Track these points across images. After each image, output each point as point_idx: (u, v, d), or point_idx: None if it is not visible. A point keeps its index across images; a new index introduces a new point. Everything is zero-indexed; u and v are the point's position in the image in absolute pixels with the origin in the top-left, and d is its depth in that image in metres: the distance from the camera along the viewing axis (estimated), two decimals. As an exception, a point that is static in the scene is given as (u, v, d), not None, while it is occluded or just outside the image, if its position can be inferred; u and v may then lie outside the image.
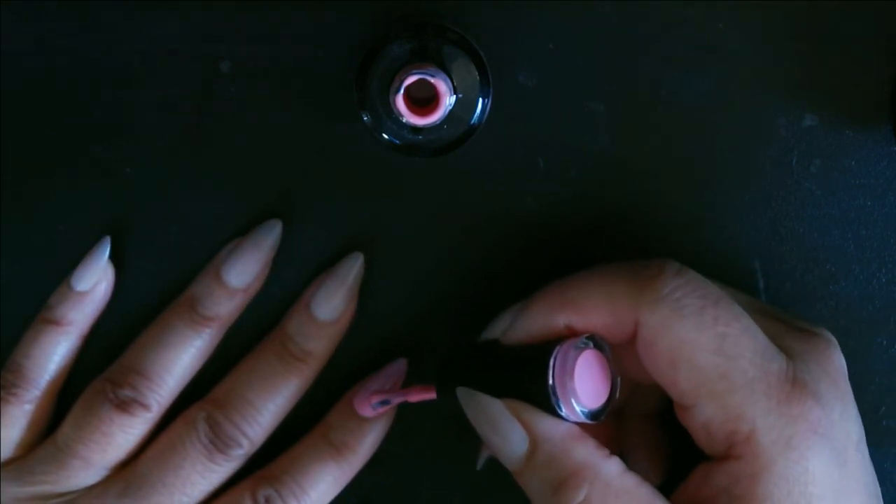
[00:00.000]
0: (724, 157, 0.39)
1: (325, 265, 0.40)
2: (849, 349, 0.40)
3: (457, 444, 0.41)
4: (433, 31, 0.36)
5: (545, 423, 0.33)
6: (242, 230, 0.40)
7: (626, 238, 0.40)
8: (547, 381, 0.33)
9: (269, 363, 0.39)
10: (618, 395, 0.34)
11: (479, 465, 0.39)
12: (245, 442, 0.39)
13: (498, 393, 0.34)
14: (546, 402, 0.33)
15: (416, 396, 0.37)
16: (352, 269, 0.40)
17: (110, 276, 0.40)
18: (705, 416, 0.32)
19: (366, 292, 0.40)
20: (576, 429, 0.33)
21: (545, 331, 0.34)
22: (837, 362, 0.34)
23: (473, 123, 0.37)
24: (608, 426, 0.37)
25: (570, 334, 0.34)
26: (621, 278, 0.34)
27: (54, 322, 0.39)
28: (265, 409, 0.39)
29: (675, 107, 0.39)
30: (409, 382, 0.40)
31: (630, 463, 0.38)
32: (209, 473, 0.38)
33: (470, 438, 0.41)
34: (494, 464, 0.40)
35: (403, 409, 0.40)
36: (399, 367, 0.40)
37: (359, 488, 0.40)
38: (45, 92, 0.39)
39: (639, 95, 0.39)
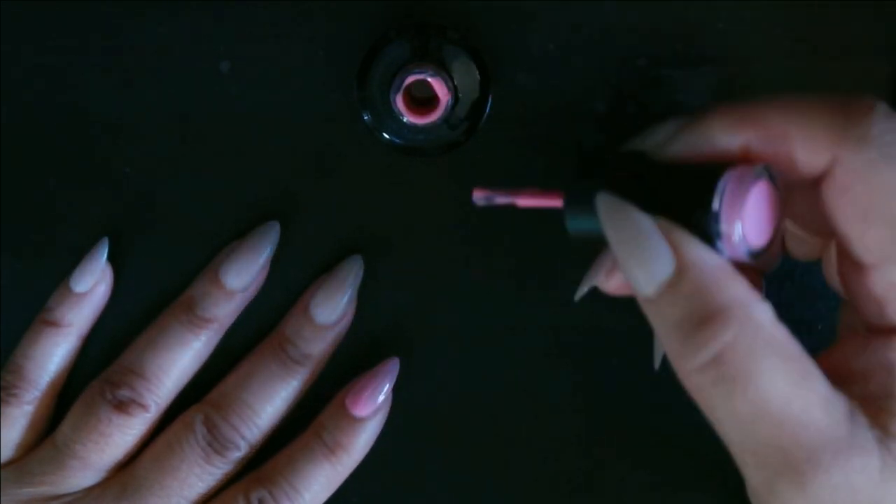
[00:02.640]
0: (724, 157, 0.39)
1: (325, 265, 0.40)
2: (849, 349, 0.40)
3: (459, 444, 0.41)
4: (433, 30, 0.37)
5: (699, 250, 0.28)
6: (242, 231, 0.40)
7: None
8: (712, 204, 0.28)
9: (268, 366, 0.39)
10: (779, 239, 0.30)
11: (579, 296, 0.35)
12: (242, 444, 0.38)
13: (645, 210, 0.29)
14: (703, 229, 0.28)
15: (530, 200, 0.33)
16: (351, 271, 0.39)
17: (109, 277, 0.40)
18: (888, 281, 0.29)
19: (363, 293, 0.40)
20: (728, 263, 0.29)
21: (716, 149, 0.30)
22: None
23: (473, 123, 0.37)
24: None
25: (743, 160, 0.30)
26: (824, 106, 0.29)
27: (54, 323, 0.39)
28: (263, 412, 0.39)
29: (675, 107, 0.39)
30: (401, 381, 0.40)
31: None
32: (206, 476, 0.38)
33: (472, 436, 0.41)
34: (492, 465, 0.40)
35: (402, 409, 0.40)
36: (391, 365, 0.40)
37: (360, 488, 0.40)
38: (44, 91, 0.39)
39: (639, 95, 0.39)
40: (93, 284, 0.39)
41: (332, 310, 0.39)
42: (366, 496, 0.41)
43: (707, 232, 0.29)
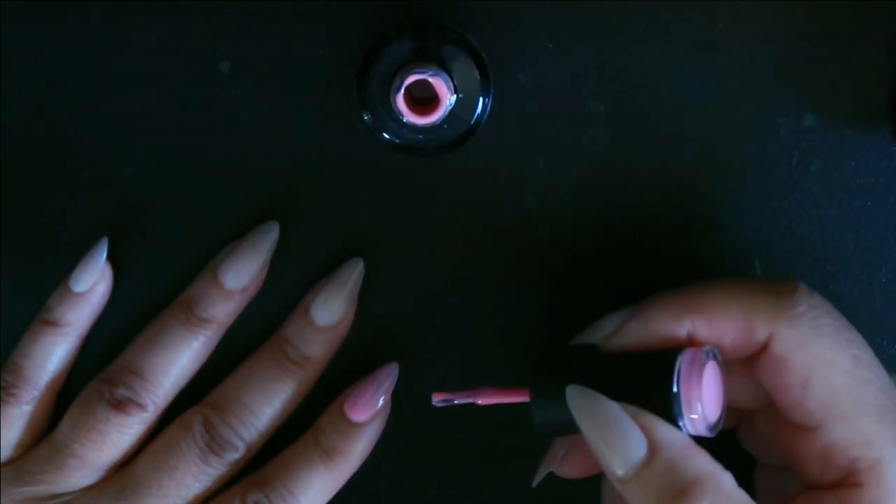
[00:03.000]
0: (724, 157, 0.39)
1: (324, 265, 0.40)
2: (849, 349, 0.40)
3: (459, 443, 0.41)
4: (433, 30, 0.37)
5: (666, 430, 0.32)
6: (242, 231, 0.40)
7: (625, 238, 0.40)
8: (671, 387, 0.32)
9: (267, 367, 0.39)
10: (726, 411, 0.33)
11: (536, 482, 0.38)
12: (241, 446, 0.38)
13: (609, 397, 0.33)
14: (666, 410, 0.32)
15: (492, 398, 0.36)
16: (352, 274, 0.39)
17: (108, 277, 0.40)
18: (830, 440, 0.32)
19: (364, 293, 0.40)
20: (690, 439, 0.32)
21: (662, 337, 0.33)
22: None
23: (474, 123, 0.37)
24: None
25: (689, 344, 0.33)
26: (755, 290, 0.33)
27: (53, 323, 0.39)
28: (262, 414, 0.39)
29: (675, 107, 0.39)
30: (400, 386, 0.40)
31: None
32: (204, 477, 0.38)
33: (471, 442, 0.41)
34: (494, 467, 0.40)
35: (401, 413, 0.40)
36: (390, 370, 0.40)
37: (360, 489, 0.40)
38: (44, 91, 0.39)
39: (639, 95, 0.39)
40: (92, 284, 0.39)
41: (332, 312, 0.39)
42: (365, 500, 0.40)
43: (668, 412, 0.32)
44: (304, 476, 0.38)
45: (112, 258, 0.40)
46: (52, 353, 0.39)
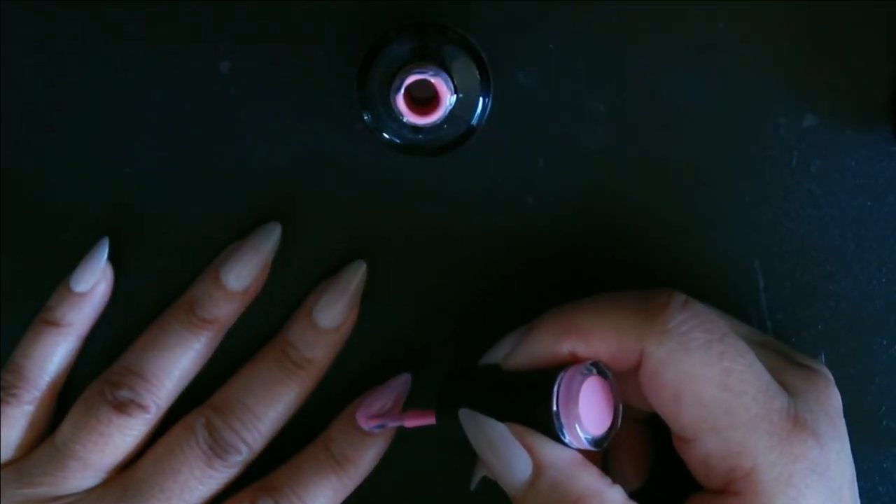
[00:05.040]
0: (724, 157, 0.39)
1: (326, 266, 0.40)
2: (849, 349, 0.40)
3: (457, 443, 0.41)
4: (433, 30, 0.37)
5: (550, 449, 0.33)
6: (242, 231, 0.40)
7: (625, 238, 0.40)
8: (551, 406, 0.32)
9: (270, 370, 0.39)
10: (620, 422, 0.34)
11: (473, 485, 0.39)
12: (244, 448, 0.38)
13: (500, 418, 0.34)
14: (550, 428, 0.33)
15: (412, 421, 0.37)
16: (354, 276, 0.39)
17: (109, 277, 0.40)
18: (706, 451, 0.33)
19: (364, 294, 0.40)
20: (579, 455, 0.33)
21: (548, 357, 0.34)
22: (835, 401, 0.35)
23: (474, 123, 0.37)
24: None
25: (573, 361, 0.34)
26: (628, 308, 0.34)
27: (53, 323, 0.39)
28: (265, 416, 0.39)
29: (675, 107, 0.39)
30: (412, 396, 0.40)
31: (612, 463, 0.38)
32: (207, 479, 0.38)
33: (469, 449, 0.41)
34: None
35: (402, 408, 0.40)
36: (402, 381, 0.40)
37: (358, 489, 0.40)
38: (44, 91, 0.39)
39: (639, 95, 0.39)
40: (93, 284, 0.39)
41: (334, 314, 0.39)
42: (365, 496, 0.41)
43: (553, 430, 0.33)
44: (314, 483, 0.38)
45: (112, 258, 0.40)
46: (53, 354, 0.39)
